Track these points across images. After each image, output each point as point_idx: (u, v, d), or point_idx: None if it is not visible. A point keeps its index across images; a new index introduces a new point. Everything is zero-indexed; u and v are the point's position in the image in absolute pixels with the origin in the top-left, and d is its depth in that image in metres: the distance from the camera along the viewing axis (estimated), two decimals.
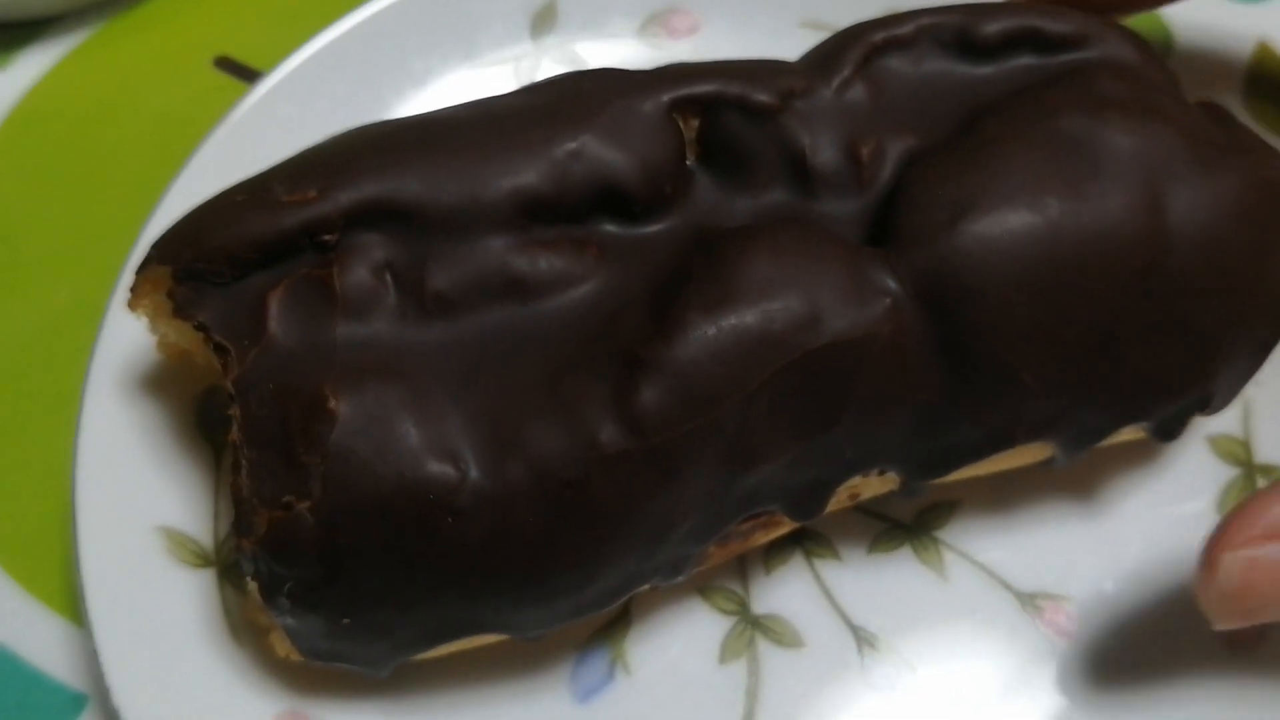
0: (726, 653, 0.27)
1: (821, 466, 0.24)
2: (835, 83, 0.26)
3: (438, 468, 0.22)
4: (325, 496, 0.22)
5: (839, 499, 0.26)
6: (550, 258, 0.24)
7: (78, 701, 0.28)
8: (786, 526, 0.27)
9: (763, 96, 0.25)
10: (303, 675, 0.27)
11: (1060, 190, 0.24)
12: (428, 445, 0.22)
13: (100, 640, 0.26)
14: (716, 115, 0.25)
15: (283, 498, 0.22)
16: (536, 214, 0.24)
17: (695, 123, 0.26)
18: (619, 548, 0.23)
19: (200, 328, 0.24)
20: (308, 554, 0.22)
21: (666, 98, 0.25)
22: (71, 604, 0.29)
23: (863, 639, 0.27)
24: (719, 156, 0.25)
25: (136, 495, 0.28)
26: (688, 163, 0.25)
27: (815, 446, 0.24)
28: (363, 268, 0.23)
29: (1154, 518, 0.28)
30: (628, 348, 0.23)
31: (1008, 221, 0.23)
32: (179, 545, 0.28)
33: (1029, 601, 0.28)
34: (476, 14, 0.33)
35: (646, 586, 0.25)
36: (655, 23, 0.33)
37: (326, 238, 0.23)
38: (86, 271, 0.33)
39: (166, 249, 0.25)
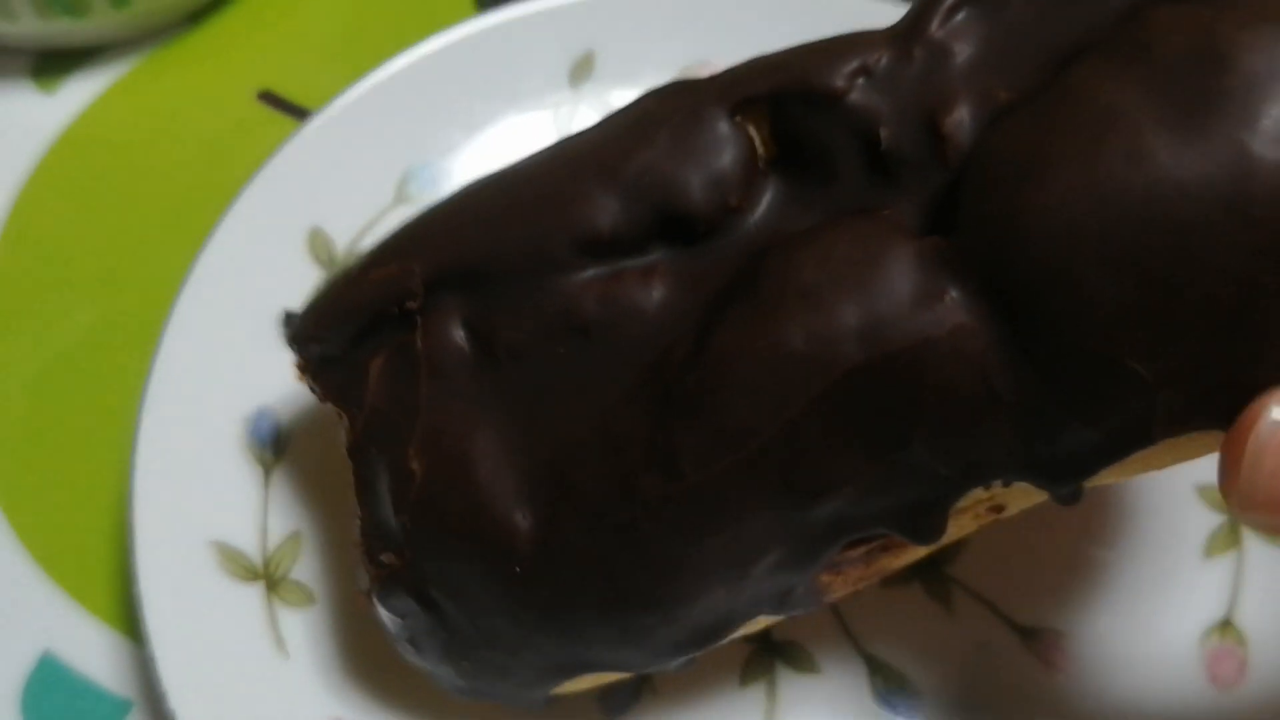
0: (747, 676, 0.29)
1: (915, 486, 0.22)
2: (917, 46, 0.23)
3: (499, 519, 0.23)
4: (412, 553, 0.24)
5: (977, 515, 0.24)
6: (613, 293, 0.24)
7: (123, 707, 0.30)
8: (912, 550, 0.25)
9: (828, 81, 0.23)
10: (346, 686, 0.28)
11: (1157, 136, 0.19)
12: (491, 497, 0.23)
13: (155, 649, 0.27)
14: (783, 111, 0.24)
15: (382, 555, 0.24)
16: (599, 252, 0.24)
17: (765, 123, 0.24)
18: (688, 587, 0.23)
19: (324, 399, 0.26)
20: (411, 606, 0.24)
21: (728, 104, 0.24)
22: (117, 613, 0.31)
23: (874, 667, 0.29)
24: (793, 155, 0.24)
25: (190, 512, 0.29)
26: (761, 166, 0.24)
27: (894, 467, 0.21)
28: (443, 328, 0.25)
29: (1145, 560, 0.30)
30: (667, 382, 0.22)
31: (1084, 184, 0.19)
32: (230, 560, 0.29)
33: (1028, 635, 0.30)
34: (519, 63, 0.34)
35: (776, 617, 0.25)
36: (687, 75, 0.35)
37: (411, 305, 0.25)
38: (131, 291, 0.34)
39: (290, 330, 0.27)
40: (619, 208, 0.24)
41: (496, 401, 0.24)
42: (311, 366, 0.26)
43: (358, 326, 0.25)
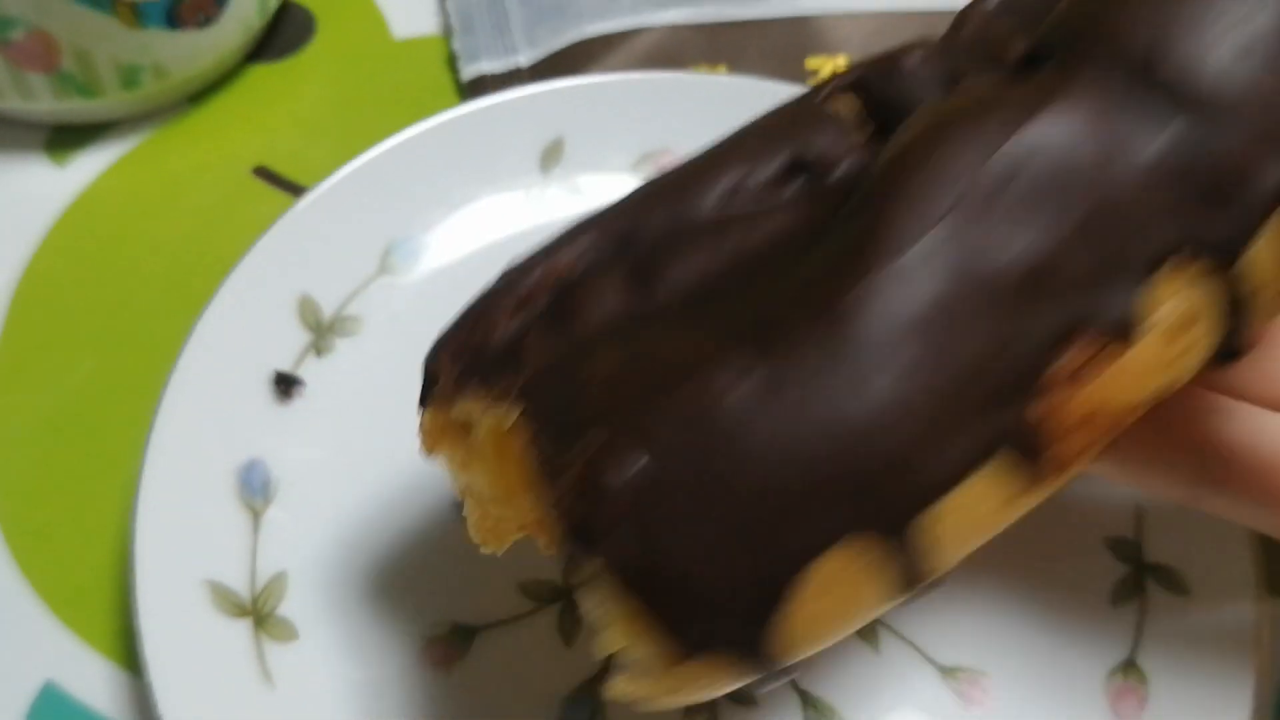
0: (691, 708, 0.32)
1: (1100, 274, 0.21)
2: (964, 28, 0.25)
3: (708, 375, 0.21)
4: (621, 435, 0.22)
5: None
6: (758, 221, 0.24)
7: None
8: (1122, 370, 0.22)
9: (897, 57, 0.25)
10: (327, 716, 0.31)
11: None
12: (699, 359, 0.21)
13: (153, 680, 0.30)
14: (869, 88, 0.25)
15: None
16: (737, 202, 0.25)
17: (856, 102, 0.25)
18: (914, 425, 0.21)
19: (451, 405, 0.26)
20: (632, 472, 0.21)
21: (819, 98, 0.25)
22: (117, 646, 0.33)
23: (808, 701, 0.32)
24: (886, 123, 0.24)
25: (186, 553, 0.32)
26: (857, 142, 0.25)
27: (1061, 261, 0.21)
28: (598, 284, 0.25)
29: (1058, 605, 0.33)
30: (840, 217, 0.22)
31: None
32: (222, 598, 0.32)
33: (949, 674, 0.32)
34: (494, 147, 0.38)
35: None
36: (647, 161, 0.39)
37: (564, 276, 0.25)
38: (135, 348, 0.37)
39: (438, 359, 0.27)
40: (750, 170, 0.25)
41: (666, 310, 0.24)
42: (448, 390, 0.26)
43: (522, 308, 0.26)
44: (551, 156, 0.38)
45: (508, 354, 0.25)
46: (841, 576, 0.21)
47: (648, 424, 0.21)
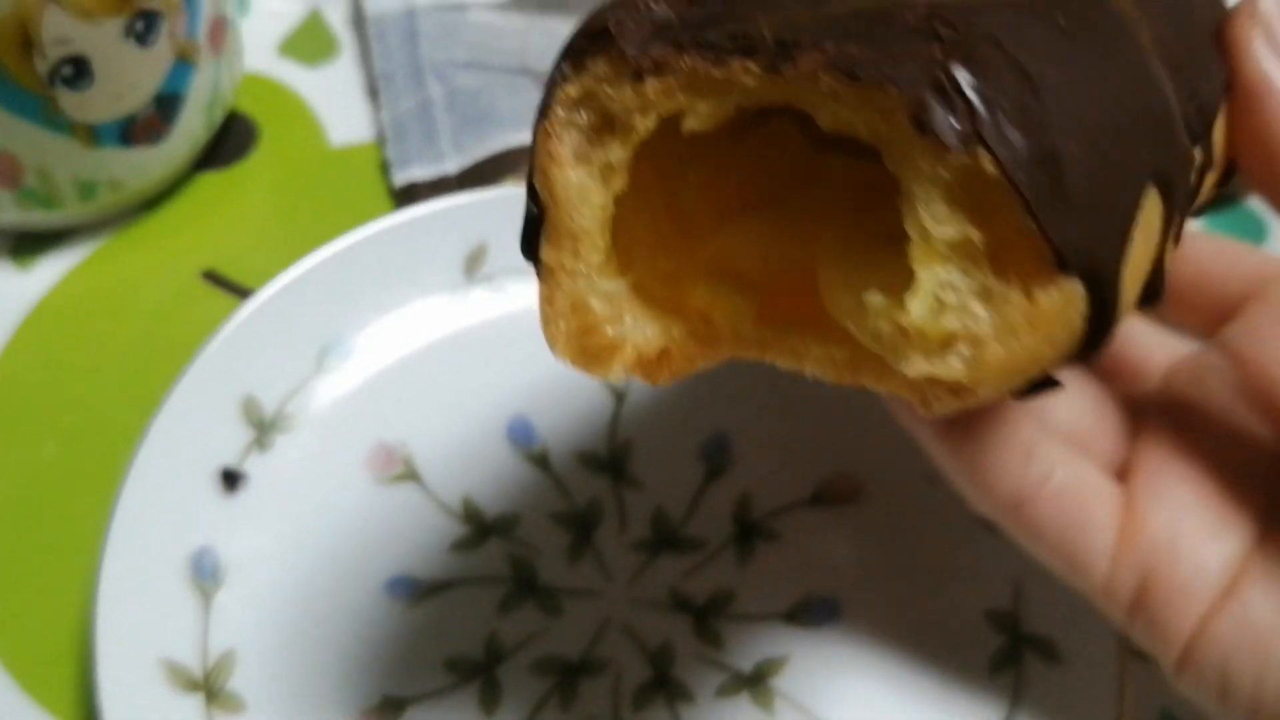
0: None
1: None
2: None
3: None
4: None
5: None
6: None
7: None
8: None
9: None
10: None
11: None
12: None
13: None
14: None
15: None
16: None
17: None
18: None
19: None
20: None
21: None
22: (80, 717, 0.37)
23: None
24: None
25: (143, 632, 0.35)
26: None
27: None
28: None
29: (941, 674, 0.36)
30: None
31: None
32: (176, 674, 0.35)
33: None
34: (422, 254, 0.41)
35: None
36: None
37: None
38: (93, 441, 0.41)
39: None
40: None
41: None
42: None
43: None
44: (475, 261, 0.42)
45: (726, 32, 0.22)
46: (1148, 222, 0.23)
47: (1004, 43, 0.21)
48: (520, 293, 0.42)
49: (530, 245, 0.24)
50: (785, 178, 0.27)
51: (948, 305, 0.21)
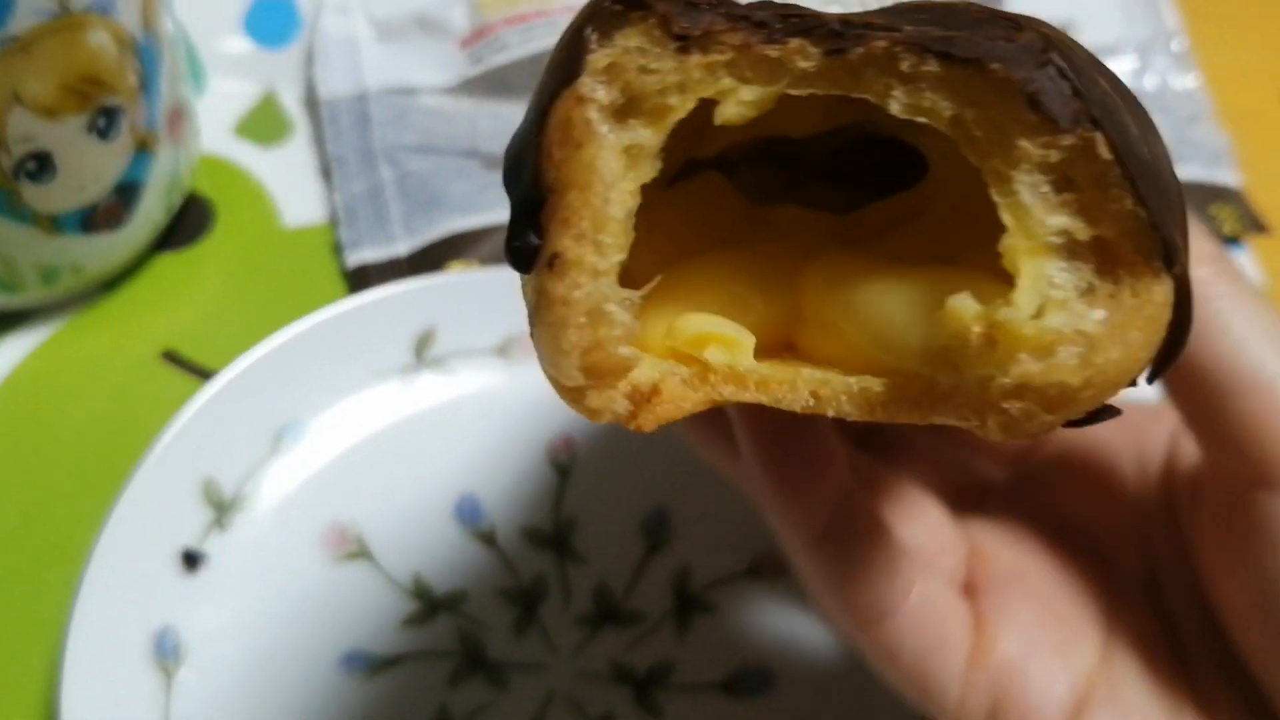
0: None
1: None
2: None
3: None
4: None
5: None
6: None
7: None
8: None
9: None
10: None
11: None
12: None
13: None
14: None
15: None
16: None
17: None
18: None
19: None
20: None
21: None
22: None
23: None
24: None
25: (107, 708, 0.37)
26: None
27: None
28: None
29: None
30: None
31: None
32: None
33: None
34: (373, 338, 0.43)
35: None
36: (512, 343, 0.44)
37: None
38: (57, 520, 0.42)
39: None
40: None
41: None
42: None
43: None
44: (424, 344, 0.44)
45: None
46: None
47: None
48: (467, 372, 0.44)
49: (525, 236, 0.21)
50: (719, 229, 0.25)
51: (1055, 302, 0.20)
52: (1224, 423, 0.27)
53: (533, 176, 0.21)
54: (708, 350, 0.22)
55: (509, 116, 0.52)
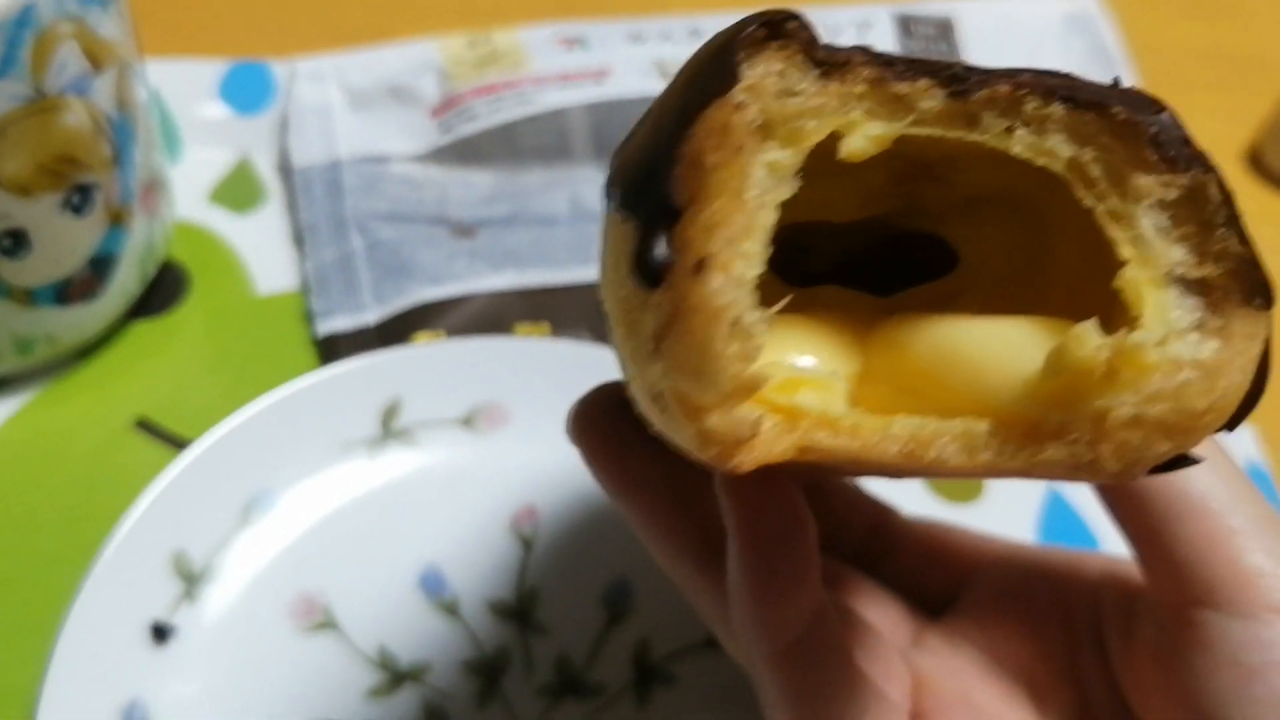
0: None
1: None
2: None
3: None
4: None
5: None
6: None
7: None
8: None
9: None
10: None
11: None
12: None
13: None
14: None
15: None
16: None
17: None
18: None
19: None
20: None
21: None
22: None
23: None
24: None
25: None
26: None
27: None
28: None
29: None
30: None
31: None
32: None
33: None
34: (341, 408, 0.44)
35: None
36: (478, 413, 0.45)
37: None
38: (27, 590, 0.43)
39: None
40: None
41: None
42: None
43: None
44: (391, 415, 0.45)
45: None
46: None
47: None
48: (432, 446, 0.45)
49: (656, 248, 0.21)
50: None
51: (1176, 332, 0.21)
52: (1169, 546, 0.28)
53: (671, 186, 0.21)
54: (800, 394, 0.23)
55: (478, 184, 0.53)
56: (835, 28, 0.56)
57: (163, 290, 0.51)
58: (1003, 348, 0.23)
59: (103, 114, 0.43)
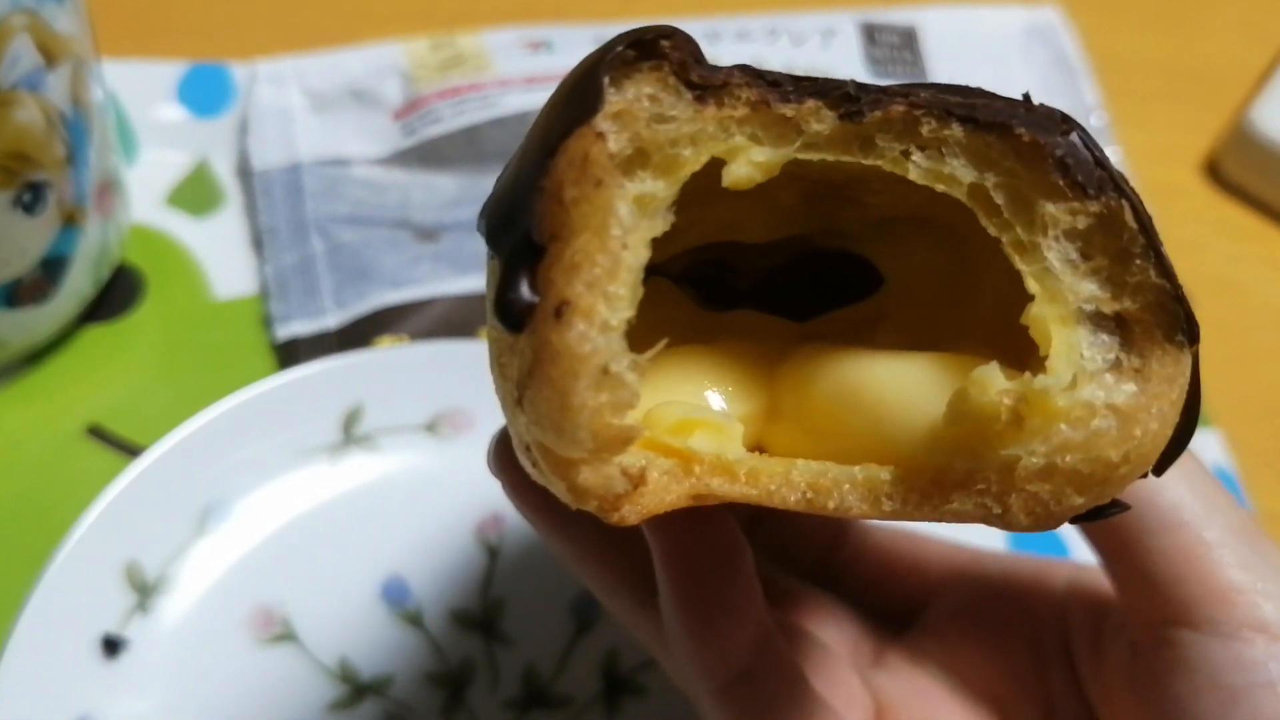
0: None
1: None
2: None
3: None
4: None
5: None
6: None
7: None
8: None
9: None
10: None
11: None
12: None
13: None
14: None
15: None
16: None
17: None
18: None
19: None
20: None
21: None
22: None
23: None
24: None
25: None
26: None
27: None
28: None
29: None
30: None
31: None
32: None
33: None
34: (301, 414, 0.43)
35: None
36: (441, 420, 0.44)
37: None
38: None
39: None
40: None
41: None
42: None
43: None
44: (353, 420, 0.44)
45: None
46: None
47: None
48: (395, 452, 0.44)
49: (519, 289, 0.19)
50: (678, 331, 0.24)
51: (1087, 374, 0.19)
52: (1143, 562, 0.27)
53: (533, 222, 0.19)
54: (693, 438, 0.21)
55: (441, 187, 0.52)
56: (800, 35, 0.56)
57: (117, 294, 0.49)
58: (907, 389, 0.21)
59: (56, 111, 0.42)
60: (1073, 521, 0.20)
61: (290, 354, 0.47)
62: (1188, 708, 0.27)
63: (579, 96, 0.20)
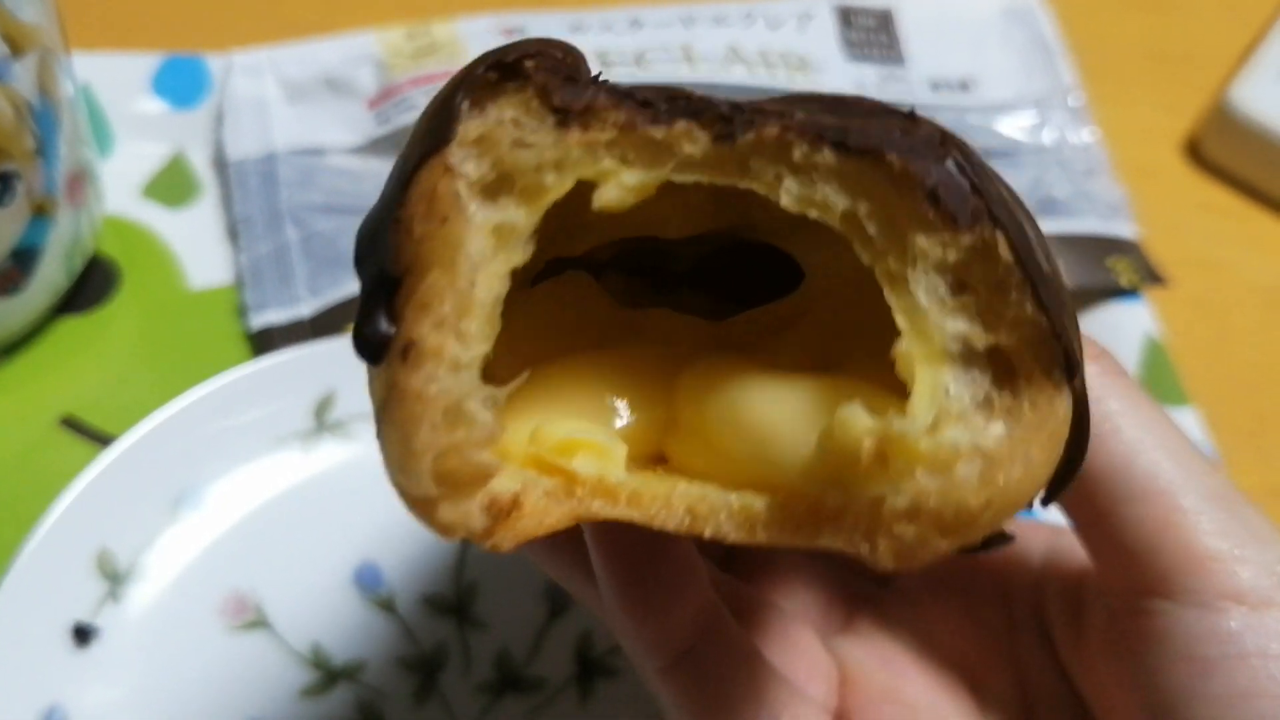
0: None
1: None
2: None
3: None
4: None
5: None
6: None
7: None
8: None
9: None
10: None
11: None
12: None
13: None
14: None
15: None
16: None
17: None
18: None
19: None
20: None
21: None
22: None
23: None
24: None
25: None
26: None
27: None
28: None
29: None
30: None
31: None
32: None
33: None
34: (273, 401, 0.43)
35: None
36: None
37: None
38: None
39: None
40: None
41: None
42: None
43: None
44: (325, 407, 0.44)
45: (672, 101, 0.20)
46: None
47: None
48: (368, 438, 0.43)
49: (376, 323, 0.19)
50: (586, 331, 0.24)
51: (952, 415, 0.18)
52: (1117, 530, 0.27)
53: (389, 254, 0.19)
54: (575, 459, 0.21)
55: None
56: (776, 19, 0.55)
57: (91, 285, 0.49)
58: (789, 415, 0.21)
59: (24, 101, 0.42)
60: (957, 554, 0.19)
61: (265, 343, 0.47)
62: (1162, 679, 0.26)
63: (436, 124, 0.20)
